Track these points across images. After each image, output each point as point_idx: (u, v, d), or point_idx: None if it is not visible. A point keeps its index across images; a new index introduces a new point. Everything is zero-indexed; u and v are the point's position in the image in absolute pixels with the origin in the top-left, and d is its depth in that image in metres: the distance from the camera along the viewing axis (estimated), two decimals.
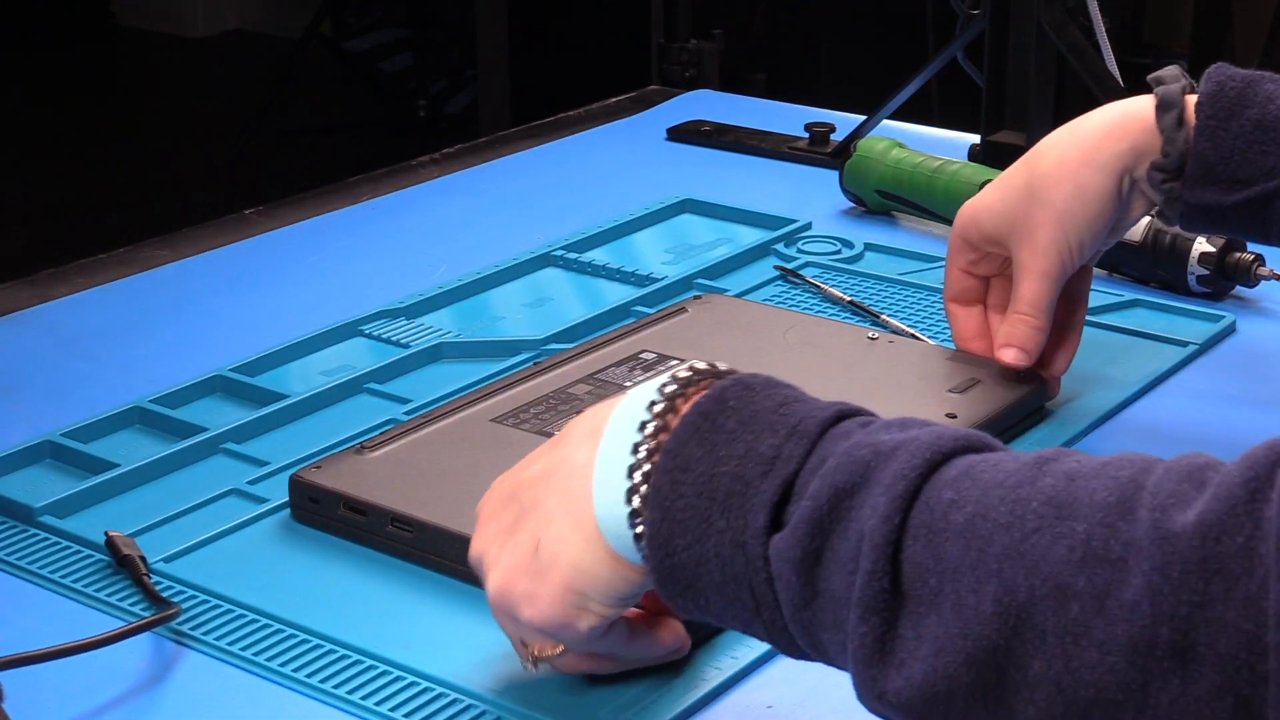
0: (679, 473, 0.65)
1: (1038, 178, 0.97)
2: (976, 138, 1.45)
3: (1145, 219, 1.18)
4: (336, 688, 0.79)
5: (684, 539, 0.65)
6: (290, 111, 4.16)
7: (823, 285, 1.22)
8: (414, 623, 0.83)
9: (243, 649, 0.82)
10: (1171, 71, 0.97)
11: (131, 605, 0.85)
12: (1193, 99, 0.95)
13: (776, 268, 1.25)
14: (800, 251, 1.28)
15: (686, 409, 0.67)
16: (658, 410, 0.67)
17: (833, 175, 1.41)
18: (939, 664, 0.59)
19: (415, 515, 0.87)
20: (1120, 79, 1.43)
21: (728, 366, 0.70)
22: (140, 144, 4.18)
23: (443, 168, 1.51)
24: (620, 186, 1.45)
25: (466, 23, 3.77)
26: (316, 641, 0.82)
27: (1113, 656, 0.56)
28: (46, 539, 0.91)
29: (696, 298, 1.15)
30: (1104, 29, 1.47)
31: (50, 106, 4.41)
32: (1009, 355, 1.00)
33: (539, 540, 0.71)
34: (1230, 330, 1.16)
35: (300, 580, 0.87)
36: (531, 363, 1.09)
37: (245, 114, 4.10)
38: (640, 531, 0.66)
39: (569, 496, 0.70)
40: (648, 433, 0.67)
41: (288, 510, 0.93)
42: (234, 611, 0.84)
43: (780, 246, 1.29)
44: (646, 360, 1.05)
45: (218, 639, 0.82)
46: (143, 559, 0.87)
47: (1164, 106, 0.95)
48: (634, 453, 0.67)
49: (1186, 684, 0.55)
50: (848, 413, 0.66)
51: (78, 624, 0.83)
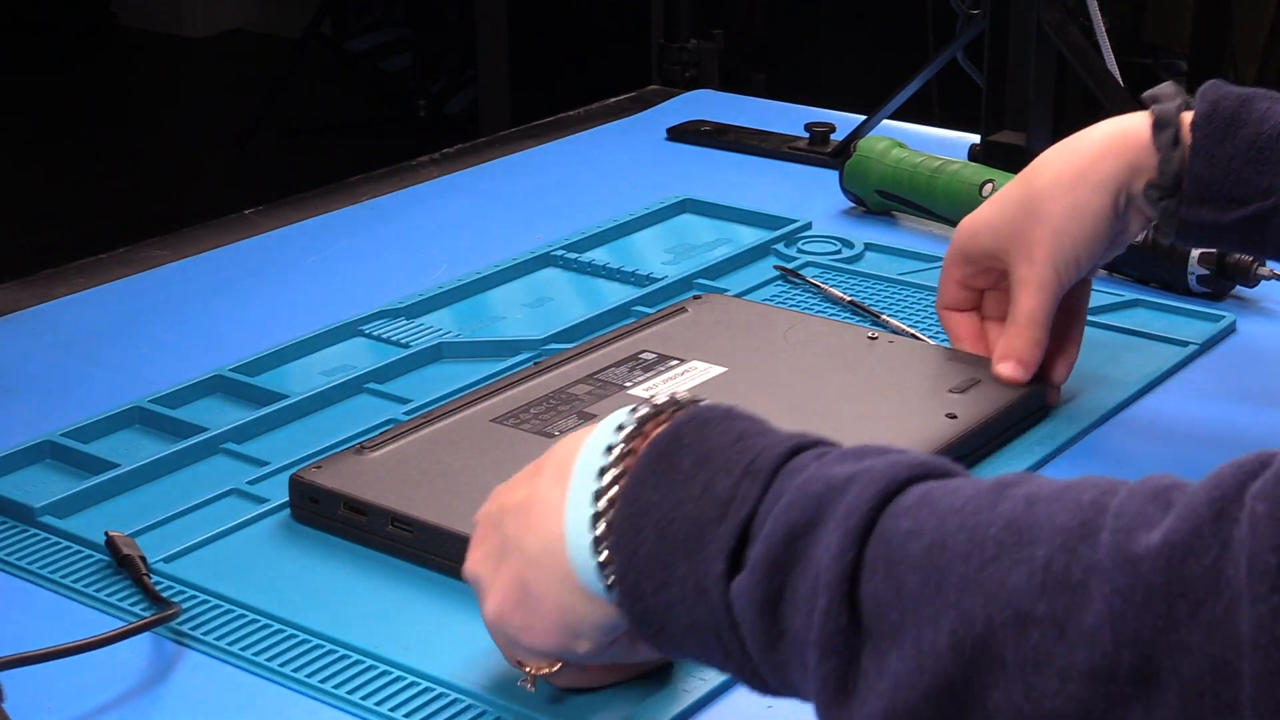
0: (639, 518, 0.64)
1: (1035, 194, 0.98)
2: (976, 138, 1.45)
3: None
4: (336, 688, 0.79)
5: (649, 584, 0.64)
6: (290, 111, 4.16)
7: (823, 285, 1.22)
8: (414, 623, 0.83)
9: (243, 649, 0.82)
10: (1167, 89, 0.97)
11: (131, 605, 0.85)
12: (1188, 117, 0.95)
13: (776, 268, 1.25)
14: (800, 251, 1.28)
15: (644, 448, 0.66)
16: (616, 454, 0.66)
17: (833, 175, 1.41)
18: (897, 699, 0.58)
19: (415, 515, 0.87)
20: (1120, 79, 1.43)
21: (689, 397, 0.68)
22: (140, 144, 4.18)
23: (443, 168, 1.51)
24: (620, 186, 1.45)
25: (466, 23, 3.77)
26: (316, 641, 0.82)
27: (1073, 684, 0.55)
28: (46, 539, 0.91)
29: (696, 298, 1.15)
30: (1104, 29, 1.47)
31: (50, 106, 4.41)
32: (1007, 369, 1.00)
33: (526, 580, 0.71)
34: (1230, 330, 1.16)
35: (300, 580, 0.87)
36: (531, 363, 1.09)
37: (245, 114, 4.10)
38: (611, 581, 0.66)
39: (546, 539, 0.69)
40: (607, 480, 0.66)
41: (288, 510, 0.93)
42: (234, 611, 0.84)
43: (780, 246, 1.29)
44: (646, 360, 1.05)
45: (218, 639, 0.82)
46: (143, 559, 0.87)
47: (1160, 125, 0.95)
48: (594, 501, 0.66)
49: (1150, 710, 0.54)
50: (803, 445, 0.65)
51: (78, 624, 0.83)
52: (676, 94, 1.72)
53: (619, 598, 0.65)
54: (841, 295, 1.20)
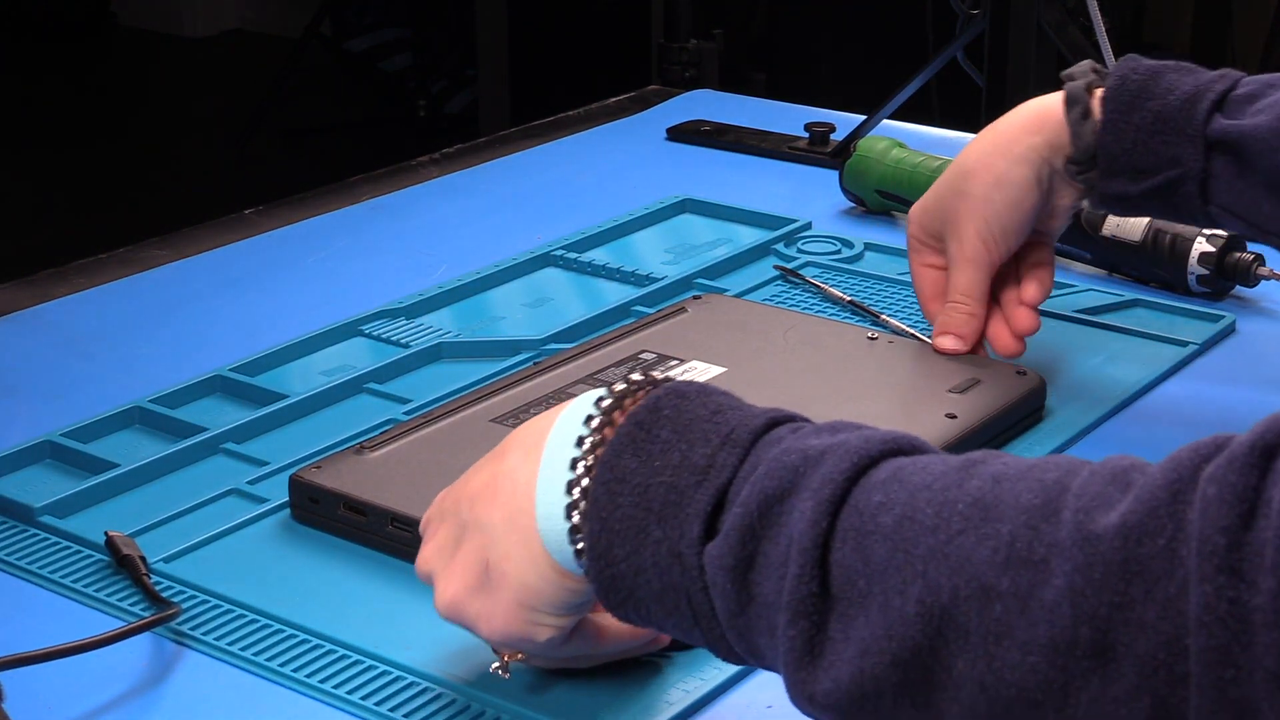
0: (615, 484, 0.66)
1: (961, 174, 1.03)
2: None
3: (1144, 220, 1.19)
4: (336, 688, 0.79)
5: (622, 549, 0.65)
6: (290, 111, 4.16)
7: (823, 285, 1.22)
8: (414, 623, 0.83)
9: (243, 649, 0.82)
10: (1081, 67, 1.01)
11: (131, 605, 0.85)
12: (1100, 93, 0.99)
13: (776, 268, 1.25)
14: (800, 251, 1.28)
15: (622, 420, 0.67)
16: (595, 424, 0.68)
17: (833, 175, 1.41)
18: (865, 665, 0.59)
19: (415, 515, 0.87)
20: None
21: (663, 376, 0.70)
22: (140, 144, 4.17)
23: (443, 168, 1.51)
24: (620, 186, 1.45)
25: (466, 23, 3.77)
26: (316, 641, 0.82)
27: (1034, 656, 0.56)
28: (46, 539, 0.91)
29: (696, 298, 1.15)
30: (1104, 29, 1.47)
31: (49, 106, 4.41)
32: (946, 342, 1.05)
33: (487, 560, 0.71)
34: (1230, 330, 1.16)
35: (300, 580, 0.87)
36: (531, 363, 1.09)
37: (245, 114, 4.10)
38: (581, 547, 0.67)
39: (512, 514, 0.70)
40: (585, 448, 0.67)
41: (288, 510, 0.93)
42: (234, 611, 0.84)
43: (780, 246, 1.29)
44: (646, 360, 1.05)
45: (218, 639, 0.82)
46: (143, 559, 0.87)
47: (1070, 102, 1.00)
48: (572, 468, 0.68)
49: (1105, 684, 0.55)
50: (780, 419, 0.67)
51: (78, 624, 0.83)
52: (676, 94, 1.72)
53: (588, 564, 0.67)
54: (841, 295, 1.20)
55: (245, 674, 0.80)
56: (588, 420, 0.68)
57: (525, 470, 0.70)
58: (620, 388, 0.69)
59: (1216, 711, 0.54)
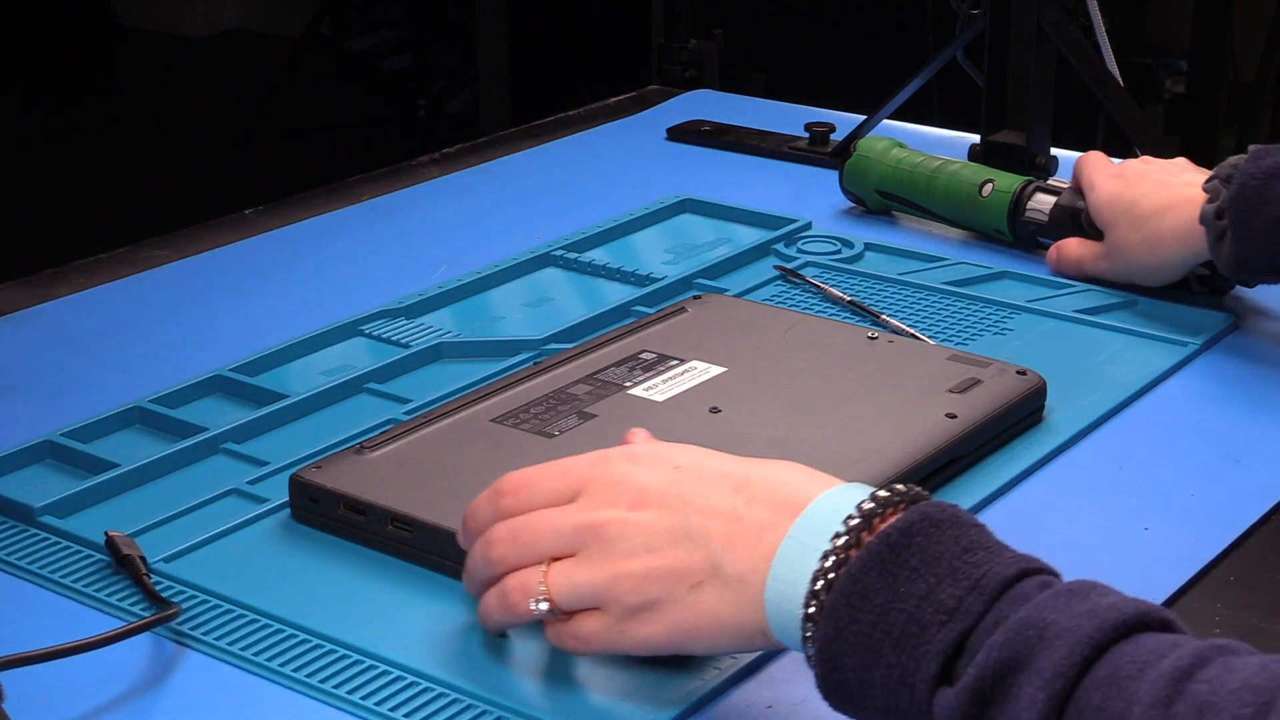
0: (858, 598, 0.69)
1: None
2: (976, 138, 1.45)
3: None
4: (336, 688, 0.79)
5: (853, 660, 0.69)
6: (290, 111, 4.16)
7: (823, 285, 1.22)
8: (414, 623, 0.83)
9: (243, 649, 0.82)
10: (1219, 176, 1.11)
11: (131, 605, 0.85)
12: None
13: (776, 268, 1.25)
14: (800, 251, 1.28)
15: (875, 534, 0.70)
16: (853, 524, 0.71)
17: (833, 175, 1.41)
18: None
19: (415, 515, 0.87)
20: (1120, 79, 1.43)
21: (921, 491, 0.73)
22: (140, 144, 4.18)
23: (443, 168, 1.51)
24: (620, 186, 1.45)
25: (466, 23, 3.76)
26: (316, 641, 0.82)
27: None
28: (46, 539, 0.91)
29: (696, 298, 1.15)
30: (1104, 29, 1.47)
31: (50, 106, 4.41)
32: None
33: (698, 580, 0.74)
34: (1230, 330, 1.16)
35: (300, 580, 0.87)
36: (531, 363, 1.09)
37: (245, 114, 4.10)
38: (810, 635, 0.70)
39: (743, 560, 0.73)
40: (839, 545, 0.70)
41: (288, 510, 0.93)
42: (234, 611, 0.84)
43: (780, 246, 1.29)
44: (646, 360, 1.05)
45: (218, 639, 0.82)
46: (143, 559, 0.87)
47: (1204, 222, 1.11)
48: (822, 559, 0.71)
49: None
50: (1029, 570, 0.69)
51: (78, 624, 0.83)
52: (676, 94, 1.72)
53: (815, 659, 0.70)
54: (841, 295, 1.20)
55: (245, 674, 0.80)
56: (847, 519, 0.71)
57: (771, 532, 0.73)
58: (884, 494, 0.72)
59: None
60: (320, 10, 4.20)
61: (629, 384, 1.02)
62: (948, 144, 1.50)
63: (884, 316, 1.16)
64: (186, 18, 4.96)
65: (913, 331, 1.13)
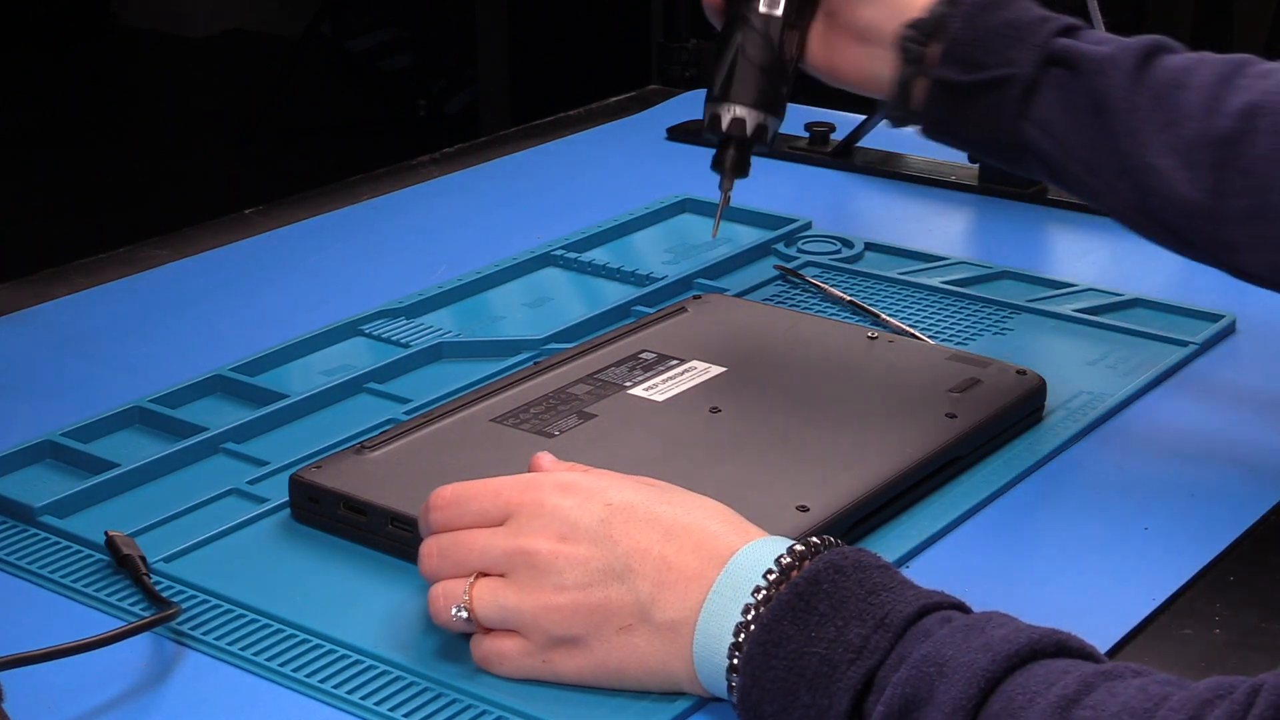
0: (773, 646, 0.72)
1: None
2: None
3: None
4: (336, 688, 0.79)
5: (771, 706, 0.72)
6: (290, 111, 4.16)
7: (823, 285, 1.22)
8: (414, 623, 0.83)
9: (243, 649, 0.82)
10: None
11: (131, 605, 0.85)
12: None
13: (776, 267, 1.25)
14: (800, 251, 1.28)
15: (784, 587, 0.73)
16: (771, 578, 0.74)
17: (833, 175, 1.41)
18: None
19: (415, 515, 0.87)
20: None
21: (835, 542, 0.76)
22: (140, 144, 4.17)
23: (443, 168, 1.51)
24: (620, 186, 1.45)
25: (466, 23, 3.77)
26: (316, 641, 0.82)
27: None
28: (46, 539, 0.91)
29: (696, 298, 1.15)
30: (1104, 29, 1.47)
31: (50, 106, 4.41)
32: None
33: (633, 627, 0.76)
34: (1230, 330, 1.16)
35: (300, 580, 0.87)
36: (531, 363, 1.09)
37: (245, 114, 4.10)
38: (733, 685, 0.73)
39: (672, 609, 0.76)
40: (758, 598, 0.73)
41: (288, 510, 0.93)
42: (234, 611, 0.84)
43: (780, 246, 1.29)
44: (646, 360, 1.05)
45: (218, 639, 0.82)
46: (143, 559, 0.87)
47: None
48: (743, 613, 0.73)
49: None
50: (930, 606, 0.72)
51: (78, 624, 0.83)
52: (676, 94, 1.72)
53: (738, 703, 0.73)
54: (841, 295, 1.20)
55: (245, 674, 0.80)
56: (767, 574, 0.74)
57: (698, 586, 0.75)
58: (801, 549, 0.74)
59: None
60: (320, 10, 4.20)
61: (629, 384, 1.02)
62: None
63: (884, 316, 1.16)
64: (186, 18, 4.96)
65: (913, 331, 1.14)
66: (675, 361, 1.05)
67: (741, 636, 0.73)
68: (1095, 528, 0.93)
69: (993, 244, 1.30)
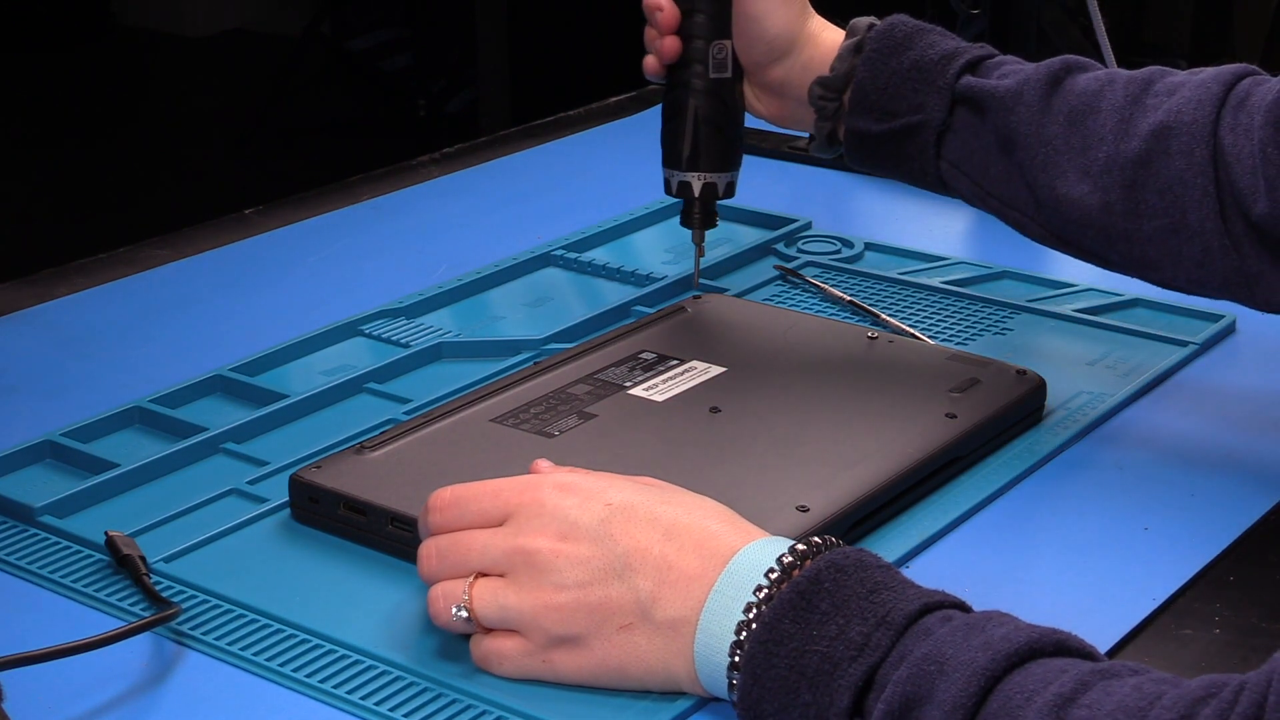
0: (774, 645, 0.72)
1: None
2: None
3: None
4: (336, 688, 0.79)
5: (771, 704, 0.72)
6: (290, 111, 4.16)
7: (823, 285, 1.22)
8: (414, 622, 0.83)
9: (243, 649, 0.82)
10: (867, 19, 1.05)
11: (131, 605, 0.85)
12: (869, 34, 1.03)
13: (776, 267, 1.25)
14: (800, 251, 1.28)
15: (786, 586, 0.73)
16: (773, 577, 0.74)
17: (833, 175, 1.41)
18: None
19: (415, 515, 0.87)
20: None
21: (836, 542, 0.76)
22: (140, 144, 4.17)
23: (443, 168, 1.51)
24: (620, 186, 1.45)
25: (466, 23, 3.77)
26: (316, 641, 0.82)
27: None
28: (46, 539, 0.91)
29: (696, 298, 1.15)
30: (1104, 29, 1.47)
31: (50, 106, 4.41)
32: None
33: (633, 625, 0.76)
34: (1230, 330, 1.16)
35: (300, 580, 0.87)
36: (531, 363, 1.09)
37: (245, 114, 4.10)
38: (734, 683, 0.73)
39: (673, 608, 0.76)
40: (760, 597, 0.73)
41: (288, 510, 0.93)
42: (234, 611, 0.84)
43: (780, 246, 1.29)
44: (646, 360, 1.05)
45: (218, 639, 0.82)
46: (143, 559, 0.87)
47: (850, 33, 1.05)
48: (745, 611, 0.73)
49: None
50: (932, 605, 0.72)
51: (78, 624, 0.83)
52: None
53: (738, 702, 0.73)
54: (841, 295, 1.20)
55: (245, 674, 0.80)
56: (769, 572, 0.74)
57: (699, 586, 0.75)
58: (803, 548, 0.75)
59: None
60: (320, 10, 4.20)
61: (629, 384, 1.02)
62: None
63: (884, 316, 1.16)
64: (186, 18, 4.96)
65: (913, 331, 1.14)
66: (675, 361, 1.05)
67: (743, 635, 0.73)
68: (1095, 528, 0.93)
69: (993, 244, 1.30)
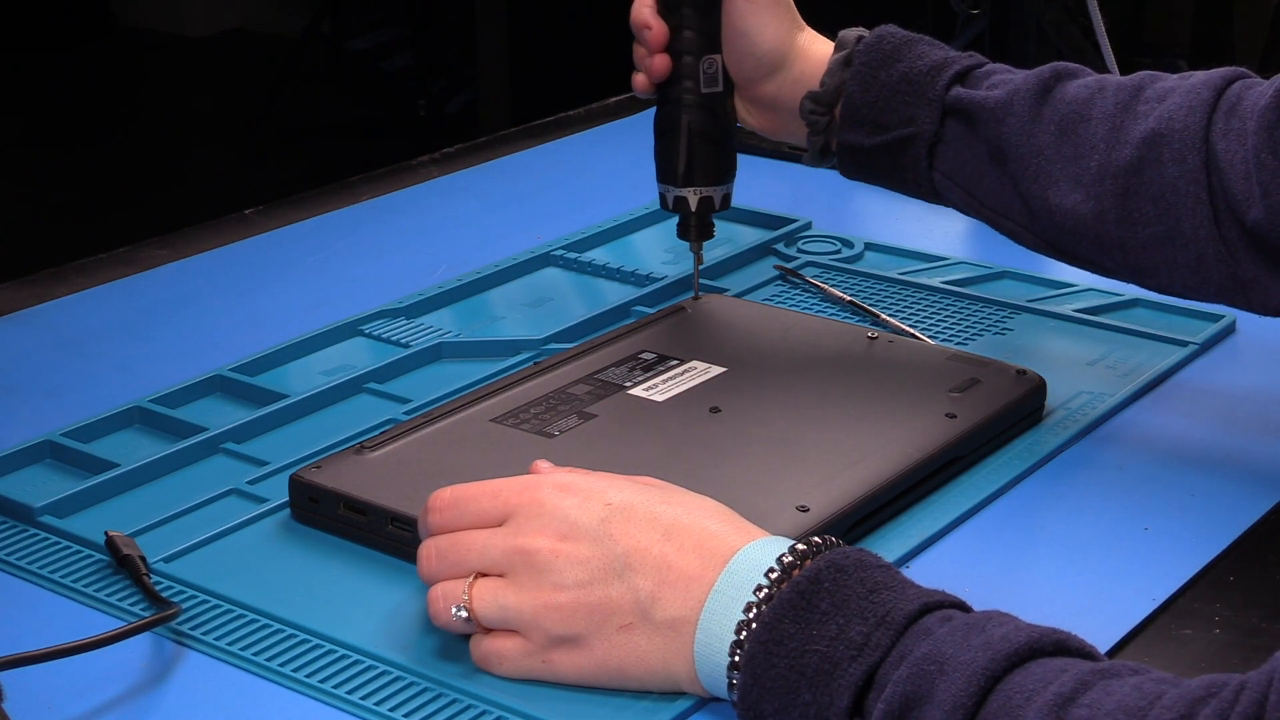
0: (774, 644, 0.72)
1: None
2: None
3: None
4: (336, 688, 0.79)
5: (771, 704, 0.72)
6: (290, 111, 4.16)
7: (823, 285, 1.22)
8: (414, 622, 0.83)
9: (243, 649, 0.82)
10: (856, 29, 1.06)
11: (131, 605, 0.85)
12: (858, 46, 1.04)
13: (776, 268, 1.25)
14: (800, 251, 1.28)
15: (786, 585, 0.73)
16: (773, 577, 0.74)
17: (833, 175, 1.40)
18: None
19: (415, 515, 0.87)
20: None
21: (836, 542, 0.76)
22: (140, 144, 4.17)
23: (443, 168, 1.51)
24: (620, 186, 1.45)
25: (466, 23, 3.77)
26: (316, 641, 0.82)
27: None
28: (46, 539, 0.91)
29: (696, 297, 1.15)
30: (1104, 29, 1.47)
31: (50, 106, 4.41)
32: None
33: (633, 625, 0.76)
34: (1230, 330, 1.16)
35: (300, 580, 0.87)
36: (531, 363, 1.09)
37: (245, 114, 4.10)
38: (734, 683, 0.73)
39: (673, 608, 0.76)
40: (760, 596, 0.73)
41: (288, 510, 0.93)
42: (234, 611, 0.84)
43: (780, 246, 1.29)
44: (646, 360, 1.05)
45: (218, 639, 0.82)
46: (143, 559, 0.87)
47: (839, 46, 1.05)
48: (745, 611, 0.73)
49: None
50: (932, 604, 0.72)
51: (78, 624, 0.83)
52: None
53: (738, 701, 0.73)
54: (841, 295, 1.20)
55: (245, 674, 0.80)
56: (769, 572, 0.74)
57: (699, 586, 0.75)
58: (803, 548, 0.74)
59: None
60: (320, 10, 4.20)
61: (629, 384, 1.02)
62: None
63: (884, 316, 1.16)
64: (186, 18, 4.96)
65: (913, 331, 1.14)
66: (675, 362, 1.05)
67: (743, 634, 0.73)
68: (1095, 528, 0.93)
69: (993, 244, 1.30)
